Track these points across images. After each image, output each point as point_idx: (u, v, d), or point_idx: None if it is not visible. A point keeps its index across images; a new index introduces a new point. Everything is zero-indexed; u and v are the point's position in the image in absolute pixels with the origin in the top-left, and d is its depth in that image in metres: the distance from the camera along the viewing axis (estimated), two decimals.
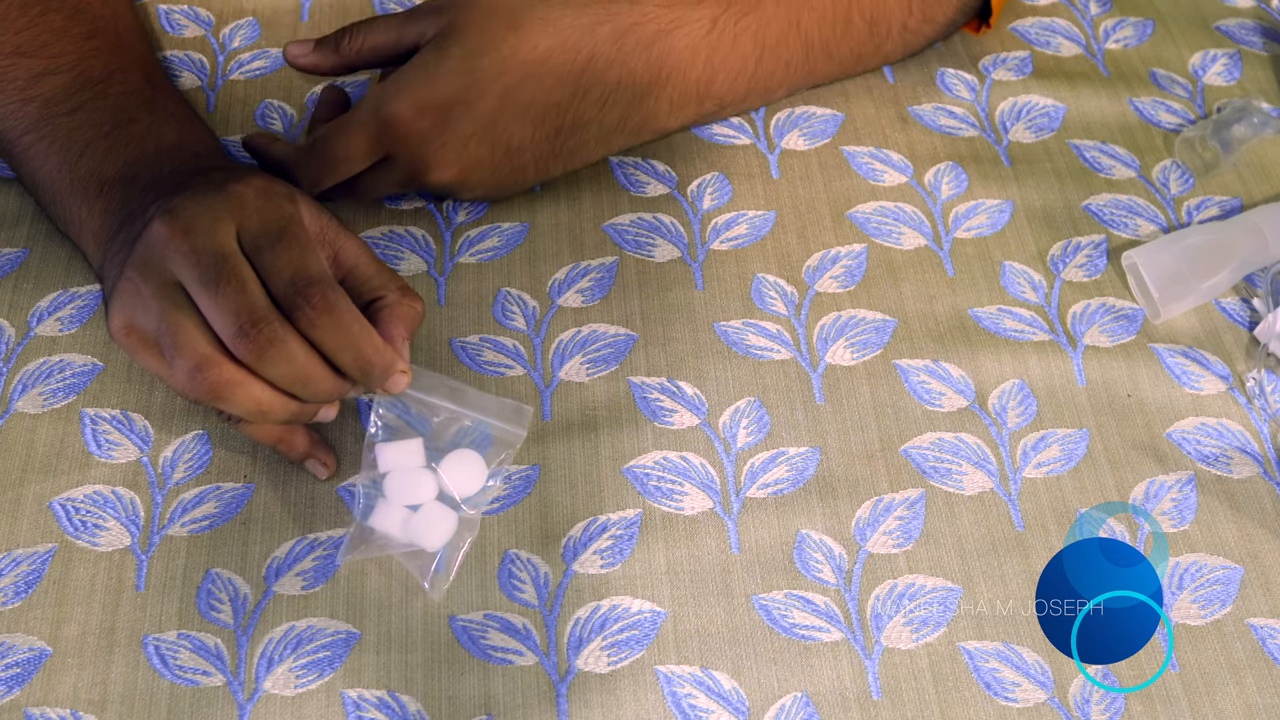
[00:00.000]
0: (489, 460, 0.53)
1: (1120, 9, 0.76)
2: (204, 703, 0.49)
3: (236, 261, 0.49)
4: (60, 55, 0.59)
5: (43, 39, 0.60)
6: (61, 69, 0.59)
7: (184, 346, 0.48)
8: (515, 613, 0.52)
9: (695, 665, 0.51)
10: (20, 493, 0.54)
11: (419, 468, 0.52)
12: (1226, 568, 0.54)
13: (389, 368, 0.50)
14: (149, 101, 0.60)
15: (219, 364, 0.48)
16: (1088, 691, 0.51)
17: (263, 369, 0.48)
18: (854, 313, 0.61)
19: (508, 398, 0.55)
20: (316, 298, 0.48)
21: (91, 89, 0.59)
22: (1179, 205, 0.66)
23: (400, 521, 0.51)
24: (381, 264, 0.54)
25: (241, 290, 0.48)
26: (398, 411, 0.53)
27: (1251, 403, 0.59)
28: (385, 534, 0.51)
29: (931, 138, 0.68)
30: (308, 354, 0.49)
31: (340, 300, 0.49)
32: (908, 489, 0.56)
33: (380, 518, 0.51)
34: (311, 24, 0.72)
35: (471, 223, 0.64)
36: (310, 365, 0.49)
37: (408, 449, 0.52)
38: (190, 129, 0.60)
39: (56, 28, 0.60)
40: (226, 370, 0.48)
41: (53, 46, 0.59)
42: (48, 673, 0.50)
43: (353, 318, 0.49)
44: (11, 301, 0.60)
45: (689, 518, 0.54)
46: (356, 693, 0.50)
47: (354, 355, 0.49)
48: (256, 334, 0.47)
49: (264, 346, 0.47)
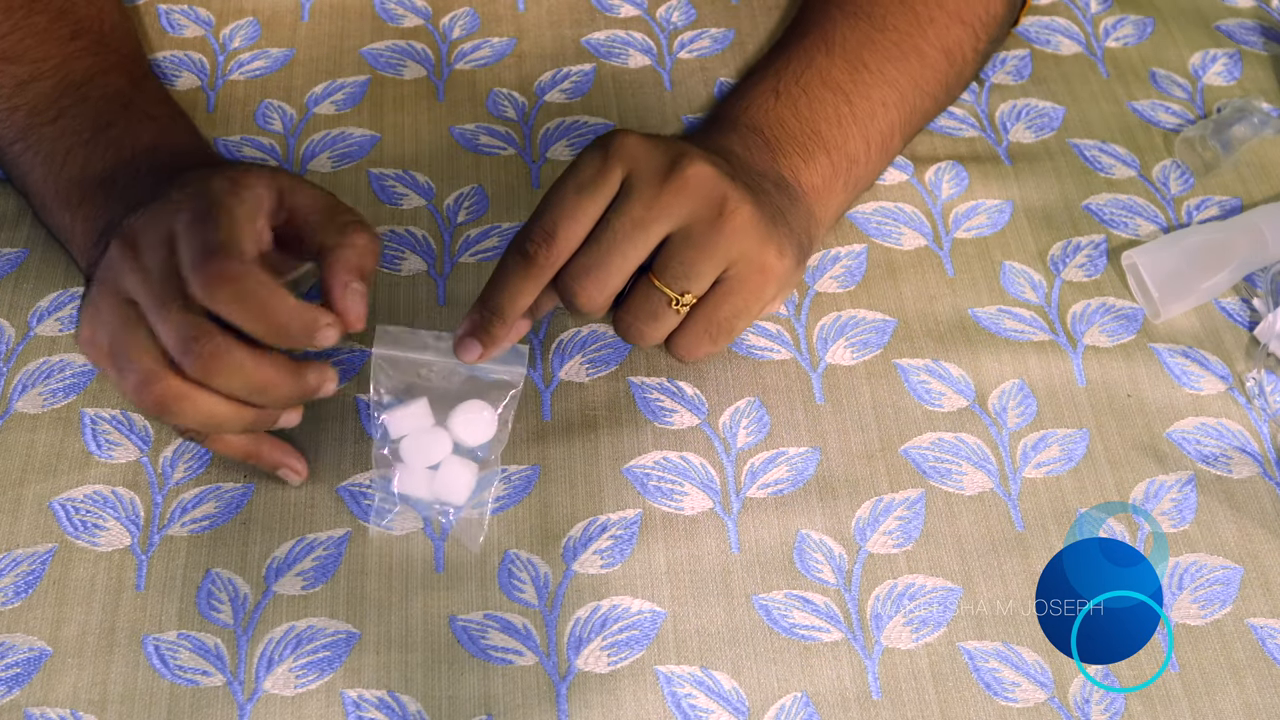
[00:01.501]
0: (495, 404, 0.53)
1: (1120, 7, 0.76)
2: (204, 703, 0.49)
3: (150, 252, 0.48)
4: (44, 60, 0.59)
5: (26, 44, 0.59)
6: (45, 75, 0.59)
7: (132, 362, 0.48)
8: (515, 613, 0.52)
9: (695, 665, 0.51)
10: (20, 493, 0.54)
11: (430, 427, 0.53)
12: (1226, 568, 0.54)
13: (309, 327, 0.48)
14: (127, 104, 0.59)
15: (163, 378, 0.48)
16: (1088, 691, 0.51)
17: (213, 382, 0.47)
18: (854, 313, 0.61)
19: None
20: (211, 269, 0.46)
21: (73, 94, 0.59)
22: (1179, 205, 0.66)
23: (424, 483, 0.52)
24: (331, 210, 0.51)
25: (185, 307, 0.47)
26: (395, 380, 0.53)
27: (1251, 403, 0.59)
28: (412, 496, 0.52)
29: (931, 137, 0.68)
30: (256, 361, 0.48)
31: (238, 268, 0.47)
32: (908, 489, 0.56)
33: (404, 483, 0.52)
34: (312, 23, 0.72)
35: (471, 222, 0.64)
36: (259, 371, 0.48)
37: (415, 411, 0.53)
38: (169, 129, 0.60)
39: (40, 30, 0.60)
40: (171, 384, 0.48)
41: (36, 51, 0.59)
42: (48, 673, 0.50)
43: (255, 284, 0.47)
44: (11, 301, 0.60)
45: (689, 518, 0.54)
46: (356, 693, 0.50)
47: (265, 324, 0.47)
48: (199, 348, 0.46)
49: (208, 360, 0.47)
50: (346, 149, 0.67)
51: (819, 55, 0.62)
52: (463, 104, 0.69)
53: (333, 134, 0.67)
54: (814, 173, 0.59)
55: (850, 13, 0.64)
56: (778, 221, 0.55)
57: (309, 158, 0.66)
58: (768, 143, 0.59)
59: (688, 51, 0.72)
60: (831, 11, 0.64)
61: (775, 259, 0.54)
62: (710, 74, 0.71)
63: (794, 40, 0.64)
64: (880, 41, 0.63)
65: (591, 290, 0.52)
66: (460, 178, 0.66)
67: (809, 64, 0.62)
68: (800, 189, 0.59)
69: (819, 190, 0.60)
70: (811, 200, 0.59)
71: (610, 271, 0.52)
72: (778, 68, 0.63)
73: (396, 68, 0.70)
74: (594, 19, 0.73)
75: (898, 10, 0.64)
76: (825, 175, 0.60)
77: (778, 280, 0.55)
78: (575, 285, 0.52)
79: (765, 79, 0.62)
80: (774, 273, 0.54)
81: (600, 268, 0.52)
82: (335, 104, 0.68)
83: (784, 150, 0.59)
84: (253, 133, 0.67)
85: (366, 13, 0.73)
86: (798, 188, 0.59)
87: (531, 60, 0.71)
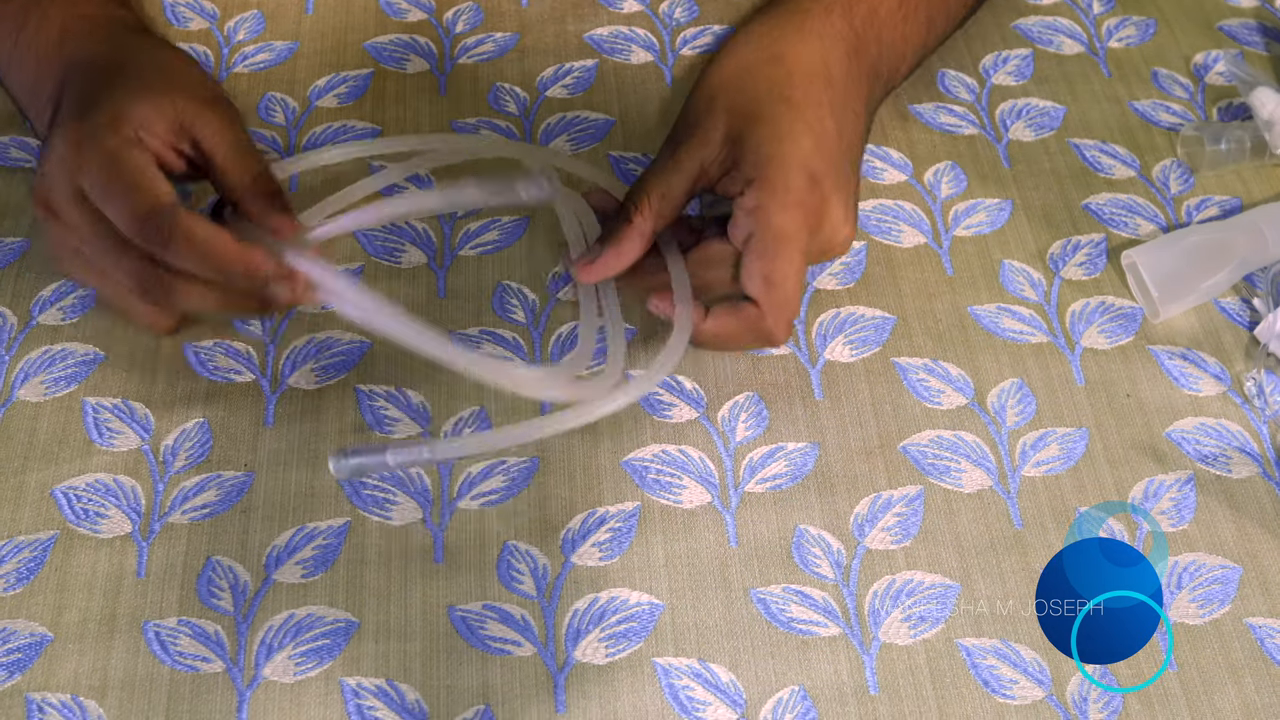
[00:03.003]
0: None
1: (1123, 8, 0.76)
2: (204, 689, 0.49)
3: (71, 212, 0.52)
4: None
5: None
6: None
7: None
8: (514, 604, 0.52)
9: (693, 657, 0.51)
10: (22, 480, 0.54)
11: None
12: (1225, 567, 0.54)
13: (257, 270, 0.51)
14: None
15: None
16: (1085, 690, 0.51)
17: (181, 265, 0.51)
18: (853, 310, 0.61)
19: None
20: (153, 233, 0.50)
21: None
22: (1179, 205, 0.66)
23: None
24: (241, 149, 0.55)
25: (122, 254, 0.51)
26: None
27: (1250, 404, 0.59)
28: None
29: (931, 135, 0.69)
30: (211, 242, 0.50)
31: (178, 219, 0.50)
32: (906, 486, 0.56)
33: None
34: (316, 16, 0.72)
35: (472, 215, 0.64)
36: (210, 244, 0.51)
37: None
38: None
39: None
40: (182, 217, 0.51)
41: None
42: (49, 658, 0.50)
43: (199, 229, 0.50)
44: (14, 290, 0.60)
45: (687, 511, 0.55)
46: (355, 681, 0.50)
47: (217, 268, 0.50)
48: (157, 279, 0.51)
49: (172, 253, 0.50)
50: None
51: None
52: (465, 98, 0.69)
53: (335, 127, 0.67)
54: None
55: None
56: (853, 201, 0.57)
57: (310, 150, 0.66)
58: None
59: (690, 48, 0.72)
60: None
61: (844, 245, 0.57)
62: None
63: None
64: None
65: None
66: (458, 169, 0.66)
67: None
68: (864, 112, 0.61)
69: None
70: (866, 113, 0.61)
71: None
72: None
73: (400, 61, 0.71)
74: (597, 14, 0.73)
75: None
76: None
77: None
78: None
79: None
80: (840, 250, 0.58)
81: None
82: (338, 97, 0.69)
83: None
84: (255, 125, 0.67)
85: (370, 6, 0.73)
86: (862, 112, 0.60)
87: (534, 55, 0.71)
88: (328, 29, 0.72)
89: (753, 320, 0.54)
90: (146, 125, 0.53)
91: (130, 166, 0.51)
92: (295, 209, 0.55)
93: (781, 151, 0.54)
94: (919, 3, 0.64)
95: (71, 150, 0.51)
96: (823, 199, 0.54)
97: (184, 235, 0.50)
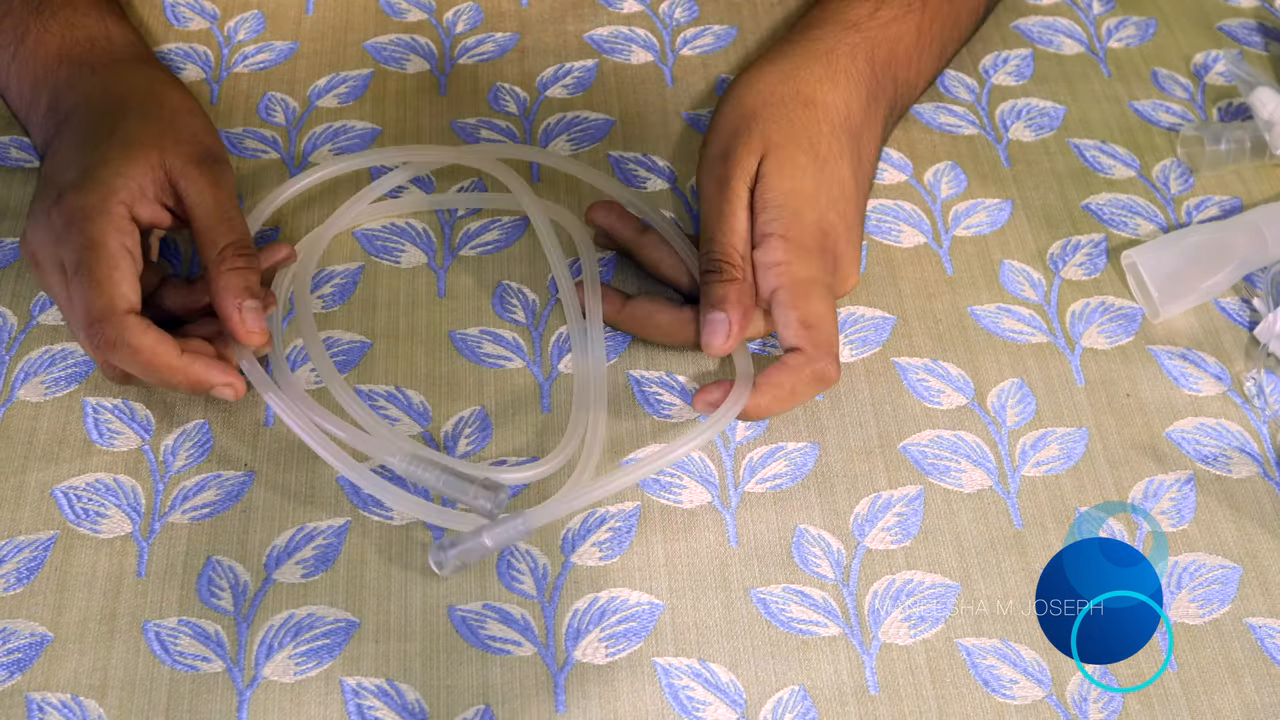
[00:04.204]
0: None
1: (1123, 8, 0.76)
2: (204, 689, 0.49)
3: (50, 276, 0.54)
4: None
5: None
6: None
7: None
8: (514, 603, 0.52)
9: (693, 657, 0.51)
10: (22, 480, 0.54)
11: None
12: (1225, 567, 0.54)
13: (197, 384, 0.53)
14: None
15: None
16: (1085, 689, 0.51)
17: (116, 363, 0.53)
18: (852, 309, 0.61)
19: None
20: (99, 337, 0.51)
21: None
22: (1179, 205, 0.67)
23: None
24: (219, 216, 0.55)
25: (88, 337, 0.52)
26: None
27: (1250, 404, 0.59)
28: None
29: (931, 136, 0.69)
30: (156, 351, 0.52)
31: (125, 330, 0.51)
32: (906, 486, 0.56)
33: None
34: (316, 16, 0.72)
35: (472, 215, 0.64)
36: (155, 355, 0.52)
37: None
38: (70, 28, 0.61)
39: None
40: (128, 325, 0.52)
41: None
42: (49, 658, 0.50)
43: (143, 343, 0.51)
44: (14, 290, 0.60)
45: (687, 511, 0.55)
46: (355, 680, 0.50)
47: (157, 379, 0.53)
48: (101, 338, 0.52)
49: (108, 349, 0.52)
50: (348, 142, 0.67)
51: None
52: (465, 98, 0.69)
53: (334, 127, 0.67)
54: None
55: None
56: (860, 246, 0.60)
57: (310, 150, 0.66)
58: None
59: (690, 48, 0.72)
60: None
61: (850, 290, 0.60)
62: (712, 71, 0.71)
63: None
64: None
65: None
66: (461, 172, 0.66)
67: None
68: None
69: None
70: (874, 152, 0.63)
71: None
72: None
73: (400, 61, 0.71)
74: (597, 14, 0.73)
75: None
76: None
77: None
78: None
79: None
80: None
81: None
82: (338, 97, 0.69)
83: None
84: (255, 125, 0.67)
85: (370, 6, 0.73)
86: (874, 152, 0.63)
87: (534, 55, 0.71)
88: (328, 29, 0.72)
89: (801, 367, 0.55)
90: (139, 193, 0.54)
91: (103, 262, 0.52)
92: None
93: (803, 210, 0.56)
94: (934, 36, 0.65)
95: (63, 224, 0.53)
96: (837, 252, 0.57)
97: (128, 345, 0.51)
